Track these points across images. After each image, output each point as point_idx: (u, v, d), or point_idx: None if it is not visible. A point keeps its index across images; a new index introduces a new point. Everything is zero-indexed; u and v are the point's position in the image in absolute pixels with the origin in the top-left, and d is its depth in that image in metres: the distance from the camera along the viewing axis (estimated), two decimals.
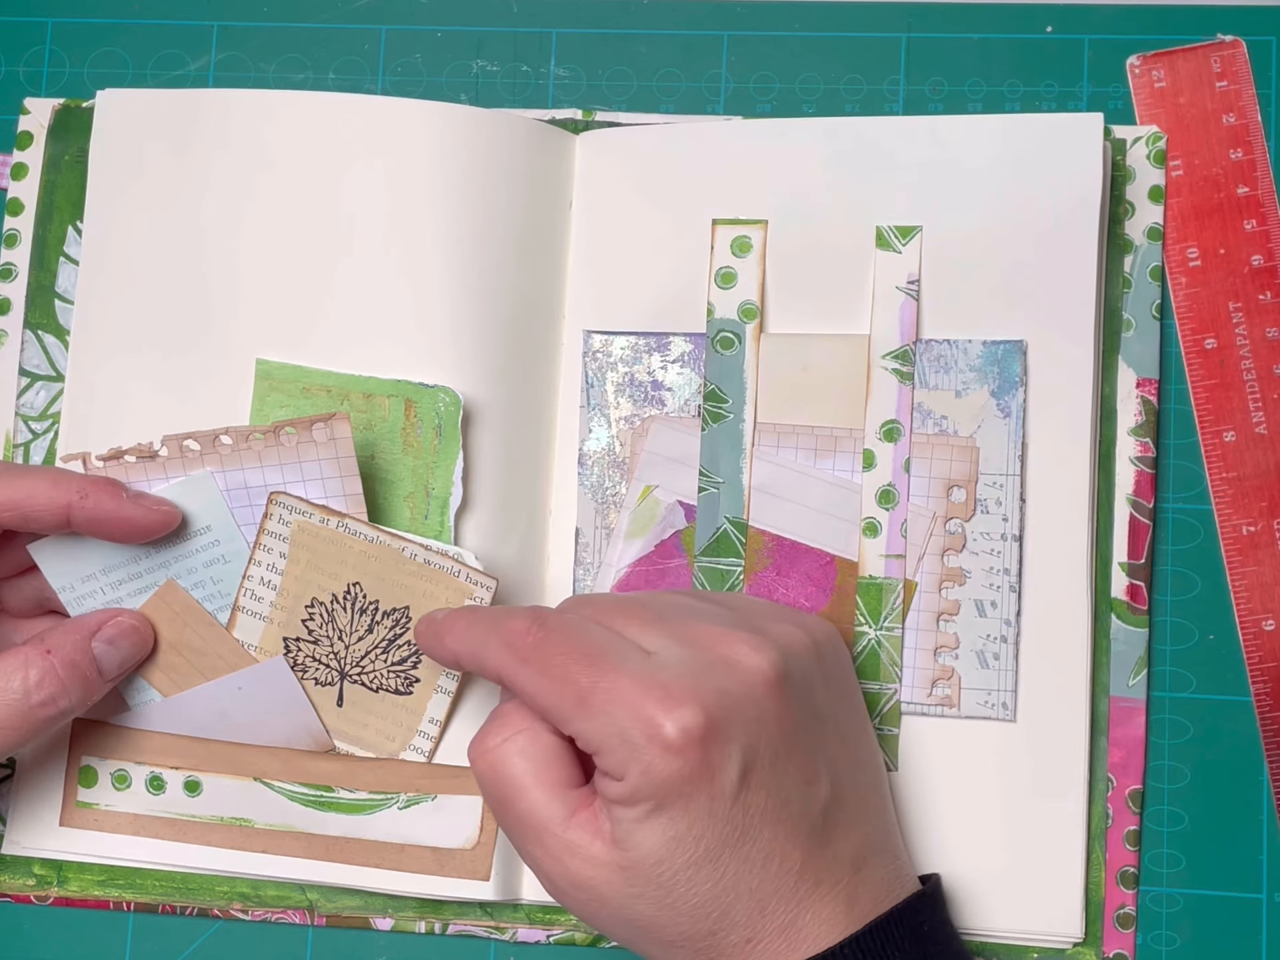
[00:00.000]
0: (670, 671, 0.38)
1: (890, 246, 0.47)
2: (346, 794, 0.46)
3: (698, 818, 0.37)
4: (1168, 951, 0.46)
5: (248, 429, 0.45)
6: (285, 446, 0.45)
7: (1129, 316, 0.48)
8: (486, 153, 0.48)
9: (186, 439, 0.44)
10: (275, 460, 0.45)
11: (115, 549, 0.44)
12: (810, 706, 0.40)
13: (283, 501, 0.45)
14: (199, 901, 0.47)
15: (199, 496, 0.45)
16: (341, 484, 0.45)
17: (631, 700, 0.37)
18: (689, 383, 0.48)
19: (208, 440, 0.45)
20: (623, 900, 0.38)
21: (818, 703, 0.40)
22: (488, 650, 0.40)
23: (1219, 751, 0.46)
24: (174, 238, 0.49)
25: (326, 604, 0.45)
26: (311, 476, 0.45)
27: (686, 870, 0.38)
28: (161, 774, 0.47)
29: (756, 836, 0.38)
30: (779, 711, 0.39)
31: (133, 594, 0.45)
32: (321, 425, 0.44)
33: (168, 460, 0.44)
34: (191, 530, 0.45)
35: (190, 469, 0.45)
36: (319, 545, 0.45)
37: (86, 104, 0.51)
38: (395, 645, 0.45)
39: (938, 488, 0.46)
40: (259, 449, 0.45)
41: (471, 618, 0.42)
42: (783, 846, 0.38)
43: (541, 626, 0.39)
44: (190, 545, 0.45)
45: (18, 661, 0.42)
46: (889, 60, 0.50)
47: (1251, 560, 0.47)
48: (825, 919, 0.38)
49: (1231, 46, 0.49)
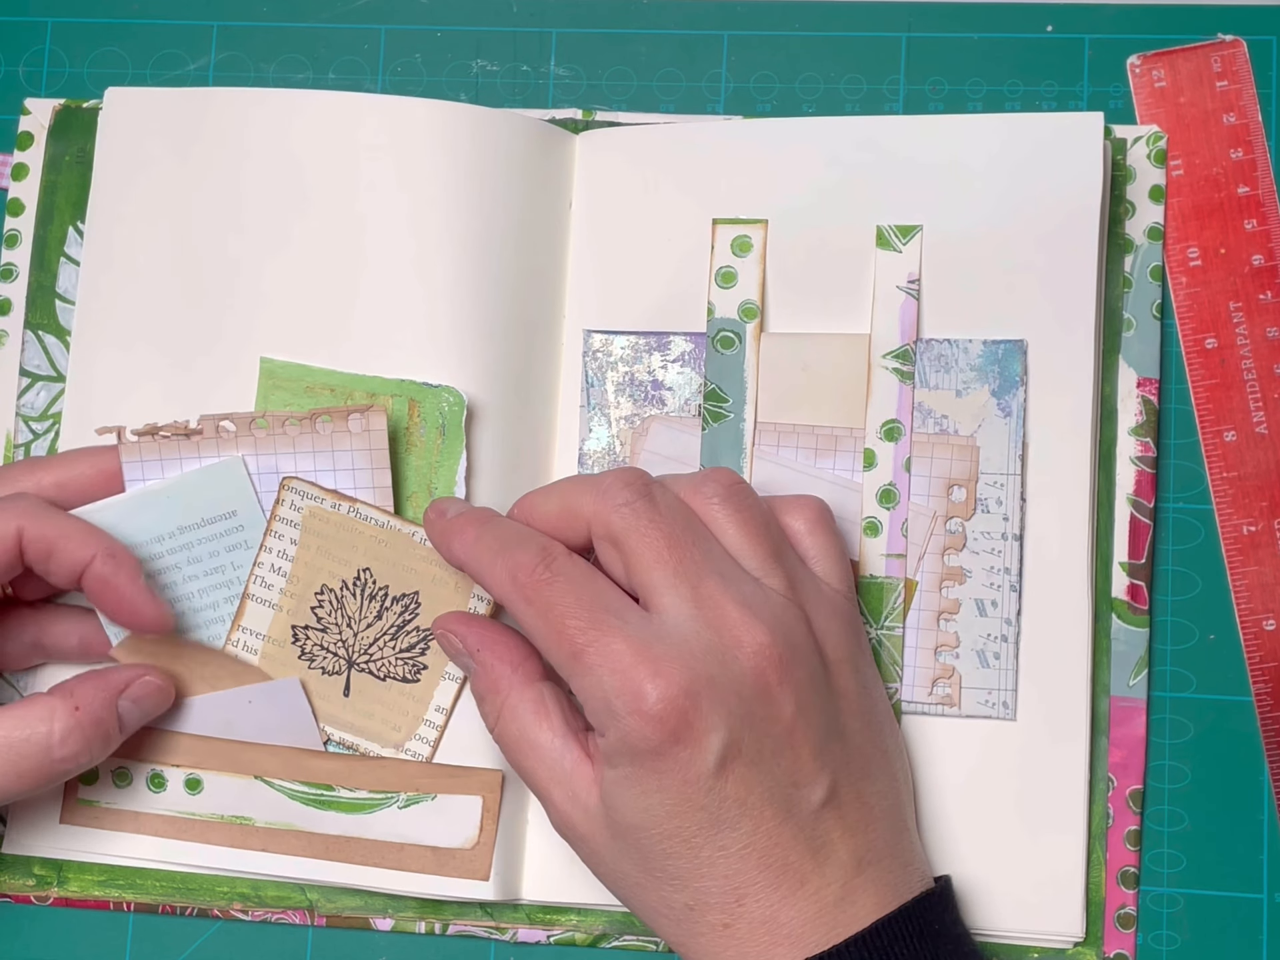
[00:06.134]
0: (666, 644, 0.38)
1: (890, 246, 0.47)
2: (347, 793, 0.46)
3: (670, 795, 0.38)
4: (1168, 951, 0.46)
5: (284, 414, 0.45)
6: (320, 434, 0.45)
7: (1129, 316, 0.48)
8: (487, 152, 0.48)
9: (223, 419, 0.45)
10: (309, 447, 0.45)
11: (139, 528, 0.45)
12: (811, 713, 0.39)
13: (294, 487, 0.45)
14: (199, 902, 0.47)
15: (228, 480, 0.45)
16: (372, 475, 0.45)
17: (622, 666, 0.38)
18: (689, 382, 0.48)
19: (244, 422, 0.45)
20: (611, 855, 0.40)
21: (821, 711, 0.40)
22: (492, 573, 0.41)
23: (1219, 751, 0.46)
24: (176, 236, 0.49)
25: (336, 590, 0.45)
26: (343, 466, 0.45)
27: (661, 843, 0.38)
28: (163, 772, 0.47)
29: (735, 827, 0.38)
30: (771, 712, 0.39)
31: (150, 575, 0.45)
32: (358, 416, 0.45)
33: (202, 440, 0.45)
34: (217, 513, 0.45)
35: (224, 449, 0.45)
36: (330, 531, 0.45)
37: (87, 104, 0.51)
38: (404, 631, 0.45)
39: (938, 487, 0.46)
40: (294, 435, 0.45)
41: (480, 530, 0.42)
42: (763, 843, 0.38)
43: (548, 568, 0.40)
44: (215, 528, 0.45)
45: (44, 712, 0.42)
46: (889, 60, 0.51)
47: (1252, 560, 0.47)
48: (810, 918, 0.38)
49: (1232, 46, 0.49)
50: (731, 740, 0.38)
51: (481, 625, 0.43)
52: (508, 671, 0.42)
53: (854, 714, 0.41)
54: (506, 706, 0.41)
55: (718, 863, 0.38)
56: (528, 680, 0.42)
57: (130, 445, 0.45)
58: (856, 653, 0.42)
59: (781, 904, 0.38)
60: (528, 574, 0.40)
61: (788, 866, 0.38)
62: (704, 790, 0.38)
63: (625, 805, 0.38)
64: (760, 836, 0.38)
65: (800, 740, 0.39)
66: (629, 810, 0.38)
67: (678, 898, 0.39)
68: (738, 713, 0.38)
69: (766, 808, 0.38)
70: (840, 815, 0.39)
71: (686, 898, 0.39)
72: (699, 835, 0.38)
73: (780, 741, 0.39)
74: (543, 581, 0.39)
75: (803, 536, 0.42)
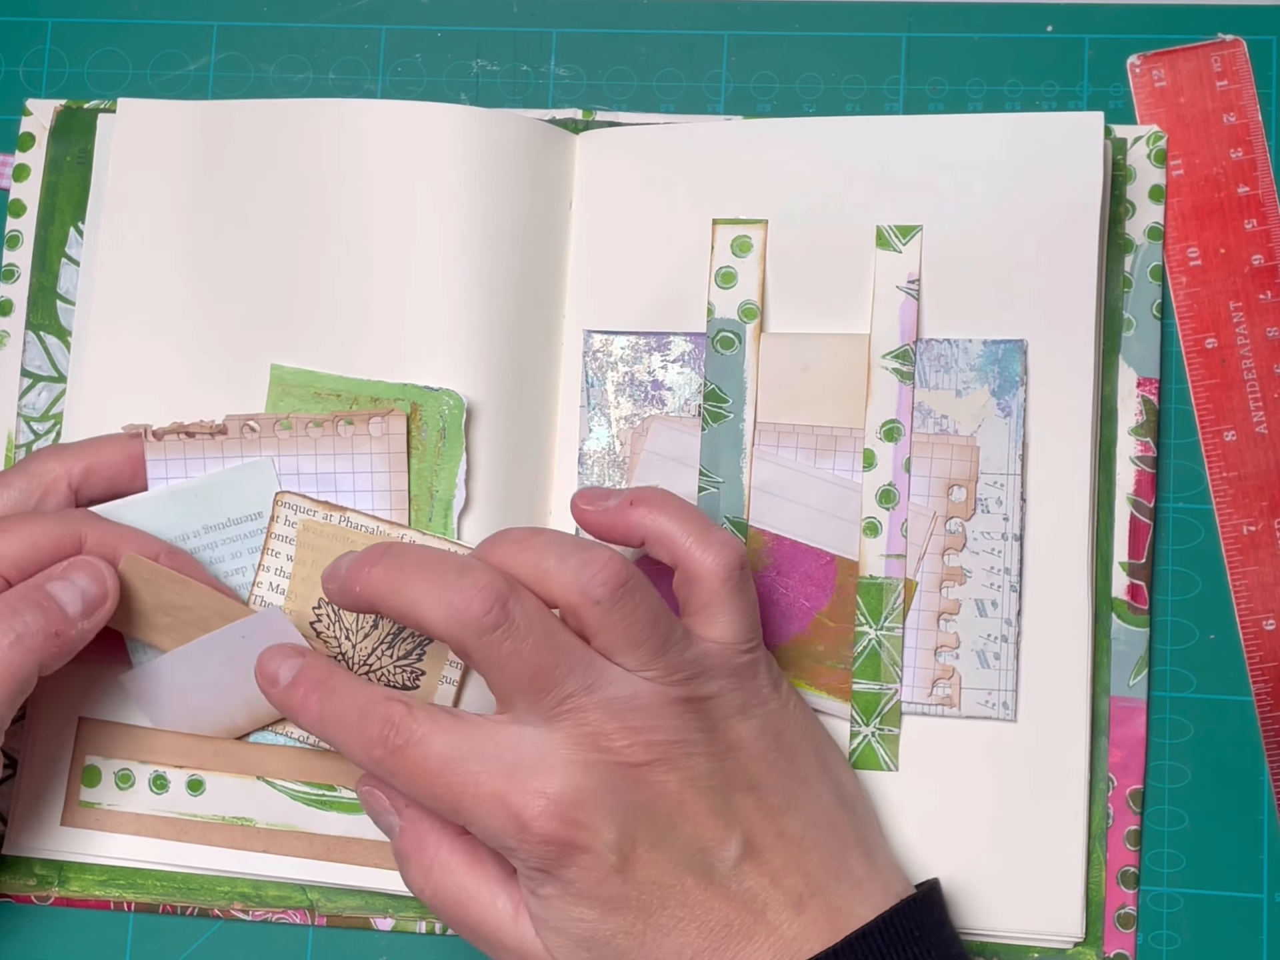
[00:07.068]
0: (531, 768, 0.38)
1: (890, 246, 0.47)
2: (348, 793, 0.46)
3: (593, 900, 0.38)
4: (1168, 951, 0.46)
5: (307, 417, 0.46)
6: (341, 438, 0.46)
7: (1129, 316, 0.48)
8: (487, 153, 0.48)
9: (249, 420, 0.46)
10: (329, 450, 0.46)
11: (165, 525, 0.45)
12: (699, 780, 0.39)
13: (288, 502, 0.45)
14: (200, 901, 0.47)
15: (255, 481, 0.46)
16: (389, 479, 0.46)
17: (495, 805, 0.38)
18: (689, 382, 0.48)
19: (269, 424, 0.46)
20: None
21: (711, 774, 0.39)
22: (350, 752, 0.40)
23: (1219, 751, 0.46)
24: (179, 241, 0.49)
25: (333, 603, 0.45)
26: (361, 469, 0.46)
27: (611, 941, 0.39)
28: (165, 773, 0.47)
29: (664, 906, 0.39)
30: (653, 794, 0.39)
31: None
32: (379, 420, 0.46)
33: (227, 441, 0.46)
34: (243, 513, 0.46)
35: (248, 450, 0.46)
36: (323, 543, 0.45)
37: (88, 105, 0.51)
38: (399, 639, 0.45)
39: (938, 487, 0.46)
40: (316, 437, 0.46)
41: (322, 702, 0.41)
42: (693, 911, 0.39)
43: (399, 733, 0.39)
44: (240, 529, 0.46)
45: None
46: (889, 60, 0.51)
47: (1252, 560, 0.47)
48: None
49: (1232, 46, 0.49)
50: (623, 834, 0.38)
51: None
52: (435, 826, 0.41)
53: (756, 759, 0.41)
54: (438, 863, 0.41)
55: (664, 942, 0.39)
56: (456, 832, 0.41)
57: (155, 444, 0.46)
58: (748, 698, 0.41)
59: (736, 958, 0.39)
60: (381, 748, 0.39)
61: (729, 927, 0.39)
62: (618, 886, 0.38)
63: (561, 923, 0.39)
64: (690, 908, 0.39)
65: (693, 808, 0.39)
66: (567, 926, 0.39)
67: None
68: (618, 807, 0.38)
69: (684, 878, 0.39)
70: (762, 863, 0.39)
71: None
72: (637, 924, 0.39)
73: (672, 816, 0.39)
74: (396, 751, 0.39)
75: (710, 591, 0.41)
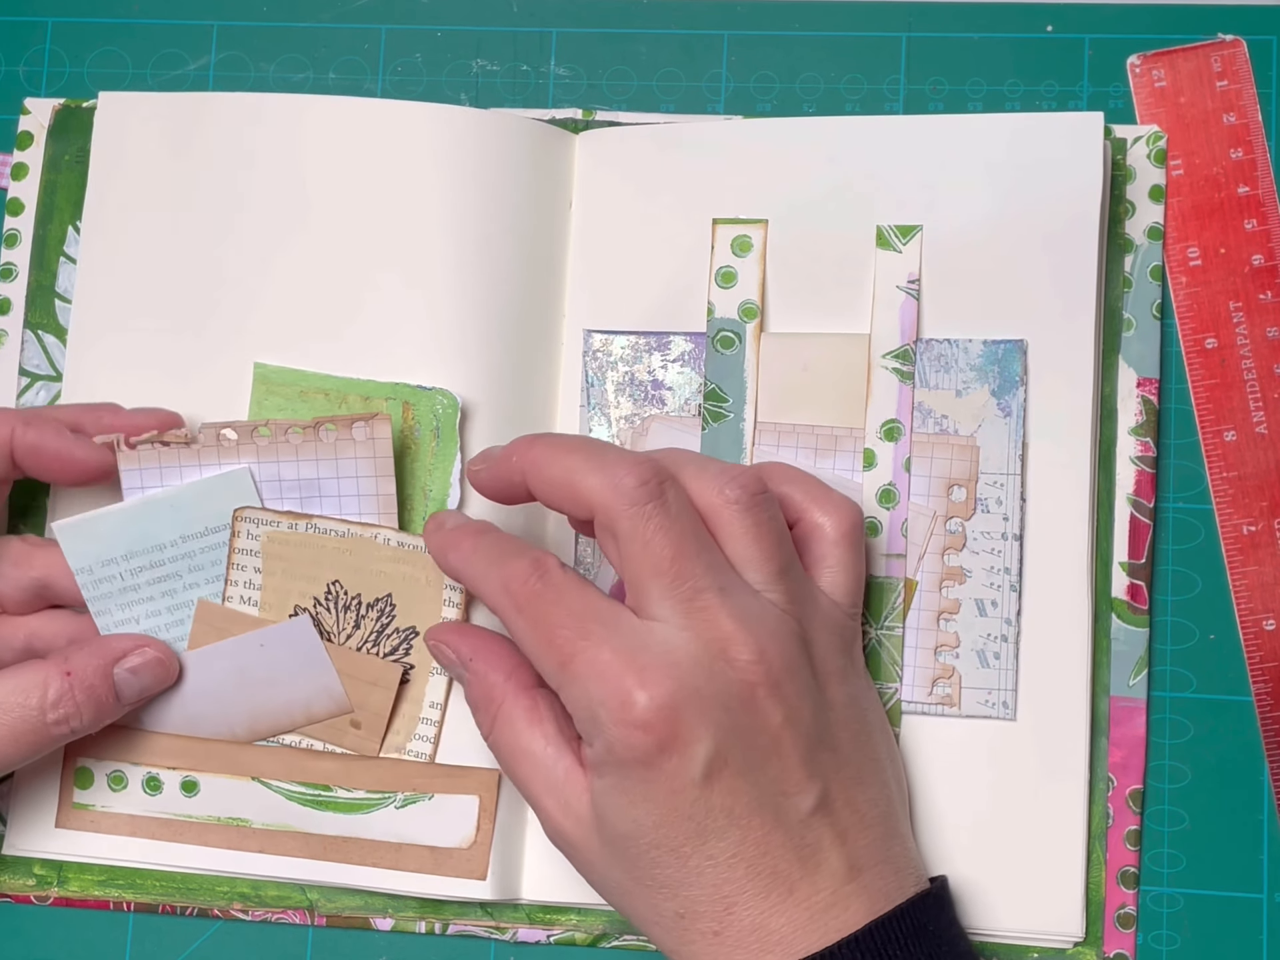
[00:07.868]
0: (654, 655, 0.38)
1: (890, 246, 0.47)
2: (344, 793, 0.46)
3: (657, 804, 0.38)
4: (1168, 951, 0.46)
5: (287, 423, 0.45)
6: (324, 443, 0.45)
7: (1129, 316, 0.48)
8: (486, 153, 0.48)
9: (225, 428, 0.45)
10: (312, 455, 0.45)
11: (140, 535, 0.45)
12: (800, 723, 0.39)
13: (248, 516, 0.45)
14: (199, 902, 0.47)
15: (234, 490, 0.45)
16: (375, 484, 0.45)
17: (608, 675, 0.38)
18: (689, 382, 0.48)
19: (246, 431, 0.45)
20: (603, 863, 0.40)
21: (810, 721, 0.40)
22: (486, 583, 0.41)
23: (1219, 751, 0.46)
24: (172, 240, 0.49)
25: (310, 609, 0.45)
26: (346, 474, 0.45)
27: (649, 852, 0.38)
28: (158, 774, 0.47)
29: (722, 836, 0.38)
30: (757, 722, 0.39)
31: (151, 582, 0.45)
32: (362, 424, 0.45)
33: (203, 449, 0.45)
34: (220, 522, 0.45)
35: (225, 458, 0.45)
36: (291, 552, 0.45)
37: (87, 104, 0.51)
38: (385, 636, 0.45)
39: (938, 487, 0.46)
40: (296, 443, 0.45)
41: (476, 541, 0.42)
42: (751, 852, 0.38)
43: (541, 578, 0.40)
44: (218, 537, 0.45)
45: (38, 678, 0.43)
46: (889, 60, 0.51)
47: (1252, 560, 0.47)
48: (800, 925, 0.38)
49: (1232, 46, 0.49)
50: (718, 751, 0.38)
51: (474, 634, 0.43)
52: (500, 680, 0.42)
53: (843, 724, 0.41)
54: (500, 715, 0.41)
55: (706, 871, 0.38)
56: (521, 688, 0.42)
57: (129, 453, 0.45)
58: (847, 665, 0.42)
59: (771, 911, 0.38)
60: (520, 584, 0.40)
61: (777, 874, 0.38)
62: (690, 800, 0.38)
63: (614, 814, 0.39)
64: (748, 846, 0.38)
65: (788, 749, 0.39)
66: (617, 819, 0.39)
67: (668, 905, 0.39)
68: (724, 724, 0.38)
69: (755, 816, 0.38)
70: (832, 822, 0.39)
71: (676, 905, 0.39)
72: (687, 845, 0.38)
73: (768, 751, 0.39)
74: (534, 592, 0.40)
75: (827, 543, 0.42)
